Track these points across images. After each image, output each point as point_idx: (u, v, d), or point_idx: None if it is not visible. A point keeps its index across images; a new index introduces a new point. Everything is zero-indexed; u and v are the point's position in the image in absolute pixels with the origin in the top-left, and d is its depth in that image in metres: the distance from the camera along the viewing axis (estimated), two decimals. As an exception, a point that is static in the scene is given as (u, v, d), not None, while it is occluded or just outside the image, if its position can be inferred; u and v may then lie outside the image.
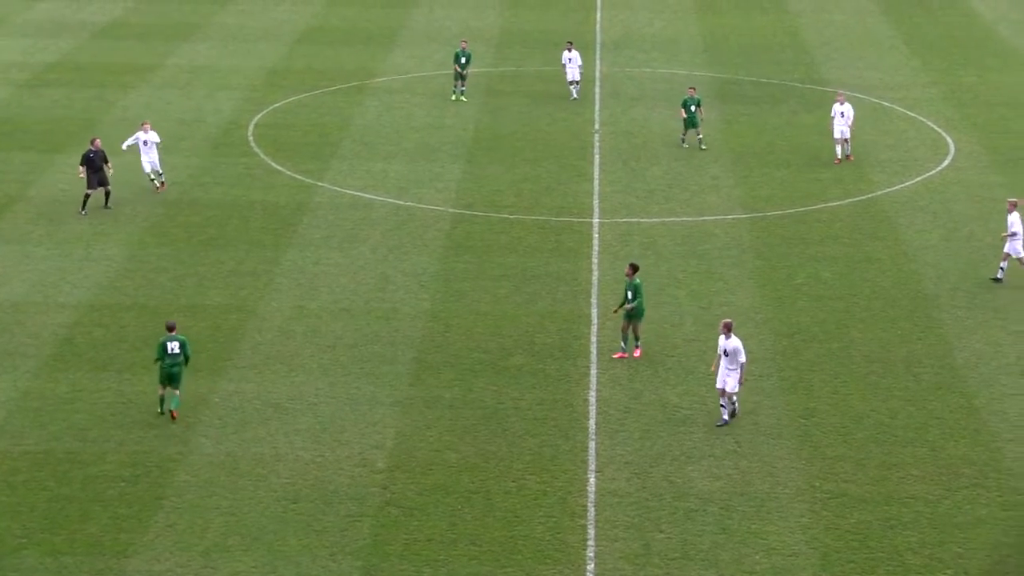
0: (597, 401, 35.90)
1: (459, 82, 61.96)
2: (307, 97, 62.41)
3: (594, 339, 39.32)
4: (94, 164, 47.35)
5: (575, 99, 61.75)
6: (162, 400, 34.85)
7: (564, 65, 62.28)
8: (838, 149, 54.19)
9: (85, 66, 66.84)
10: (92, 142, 48.08)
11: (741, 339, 34.90)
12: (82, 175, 47.61)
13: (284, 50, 70.37)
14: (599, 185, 51.91)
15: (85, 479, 31.97)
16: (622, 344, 38.14)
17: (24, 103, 60.84)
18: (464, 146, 56.06)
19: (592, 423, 34.84)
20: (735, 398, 34.64)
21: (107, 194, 48.07)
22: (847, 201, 50.48)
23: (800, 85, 65.28)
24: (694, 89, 56.23)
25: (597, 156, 55.24)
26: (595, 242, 46.42)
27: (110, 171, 48.08)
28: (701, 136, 55.54)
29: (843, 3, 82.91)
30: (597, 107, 61.66)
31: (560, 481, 32.24)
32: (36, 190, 48.37)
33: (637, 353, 38.01)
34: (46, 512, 30.69)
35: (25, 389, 36.11)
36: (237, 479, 32.06)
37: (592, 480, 32.30)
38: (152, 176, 49.08)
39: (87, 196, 47.57)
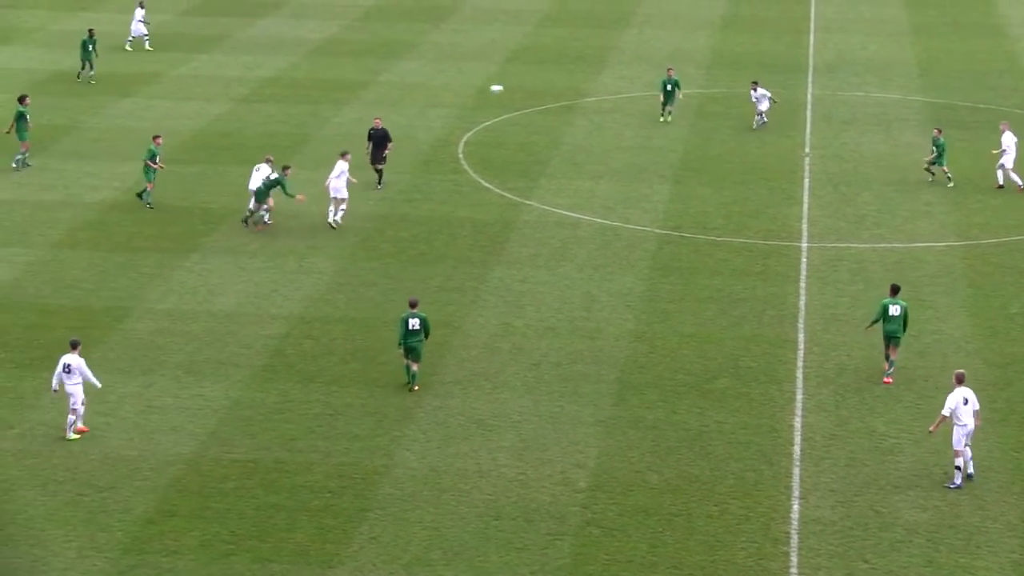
0: (802, 427, 35.44)
1: (668, 105, 61.65)
2: (517, 116, 62.85)
3: (800, 364, 38.84)
4: (375, 141, 52.38)
5: (756, 128, 60.59)
6: (408, 369, 37.03)
7: (754, 103, 61.17)
8: (1012, 177, 52.70)
9: (301, 82, 68.29)
10: (375, 121, 53.31)
11: (954, 382, 33.25)
12: (368, 151, 52.56)
13: (495, 69, 70.96)
14: (808, 209, 51.30)
15: (292, 488, 32.57)
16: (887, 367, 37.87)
17: (242, 118, 62.37)
18: (672, 167, 55.88)
19: (797, 449, 34.40)
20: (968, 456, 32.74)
21: (379, 172, 52.42)
22: (1066, 230, 49.15)
23: (1018, 111, 63.67)
24: (939, 131, 54.08)
25: (807, 180, 54.60)
26: (803, 266, 45.87)
27: (390, 149, 52.31)
28: (949, 173, 53.43)
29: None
30: (807, 130, 60.97)
31: (763, 507, 31.89)
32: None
33: (887, 380, 37.64)
34: (254, 519, 31.32)
35: (236, 398, 36.96)
36: (440, 493, 32.35)
37: (796, 507, 31.88)
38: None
39: (375, 169, 52.50)
